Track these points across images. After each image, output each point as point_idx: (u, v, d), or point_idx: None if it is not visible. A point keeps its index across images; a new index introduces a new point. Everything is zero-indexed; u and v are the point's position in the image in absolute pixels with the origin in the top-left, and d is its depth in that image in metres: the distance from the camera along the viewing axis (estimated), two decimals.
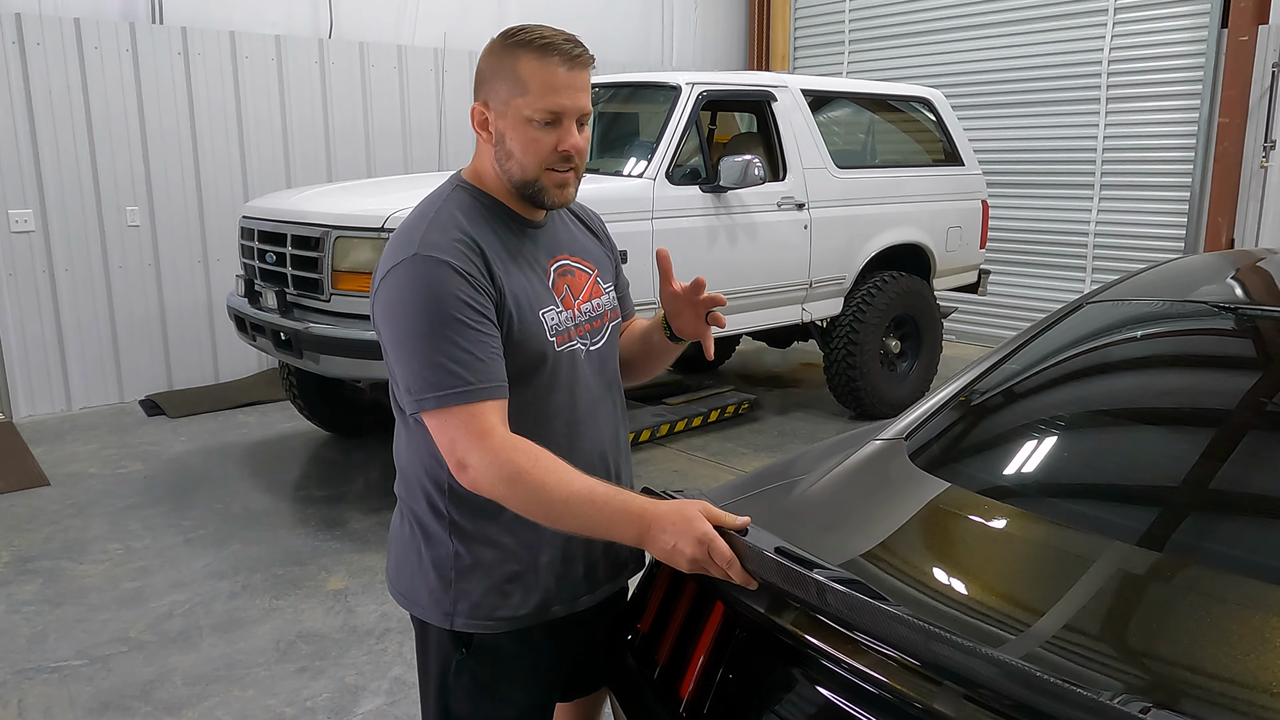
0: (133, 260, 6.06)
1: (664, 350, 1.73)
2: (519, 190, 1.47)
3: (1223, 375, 1.83)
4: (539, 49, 1.39)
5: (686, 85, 4.97)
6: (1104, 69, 7.18)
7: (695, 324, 1.64)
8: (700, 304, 1.61)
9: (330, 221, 4.08)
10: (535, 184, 1.45)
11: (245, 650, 3.15)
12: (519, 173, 1.45)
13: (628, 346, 1.75)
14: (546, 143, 1.41)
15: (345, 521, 4.21)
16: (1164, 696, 1.09)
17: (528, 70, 1.39)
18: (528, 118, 1.40)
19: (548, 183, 1.45)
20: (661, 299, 1.67)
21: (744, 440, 5.44)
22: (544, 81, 1.39)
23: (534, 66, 1.39)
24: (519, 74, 1.40)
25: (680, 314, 1.65)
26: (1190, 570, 1.32)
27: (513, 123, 1.42)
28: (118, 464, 4.99)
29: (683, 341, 1.69)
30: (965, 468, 1.71)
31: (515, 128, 1.42)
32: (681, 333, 1.67)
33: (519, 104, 1.40)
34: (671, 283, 1.64)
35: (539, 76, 1.39)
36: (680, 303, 1.64)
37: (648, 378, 1.82)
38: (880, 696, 1.16)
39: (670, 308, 1.66)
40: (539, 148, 1.42)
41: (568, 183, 1.46)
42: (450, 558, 1.47)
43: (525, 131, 1.41)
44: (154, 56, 5.96)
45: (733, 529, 1.31)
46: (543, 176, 1.44)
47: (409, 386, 1.37)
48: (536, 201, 1.48)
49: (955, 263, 6.27)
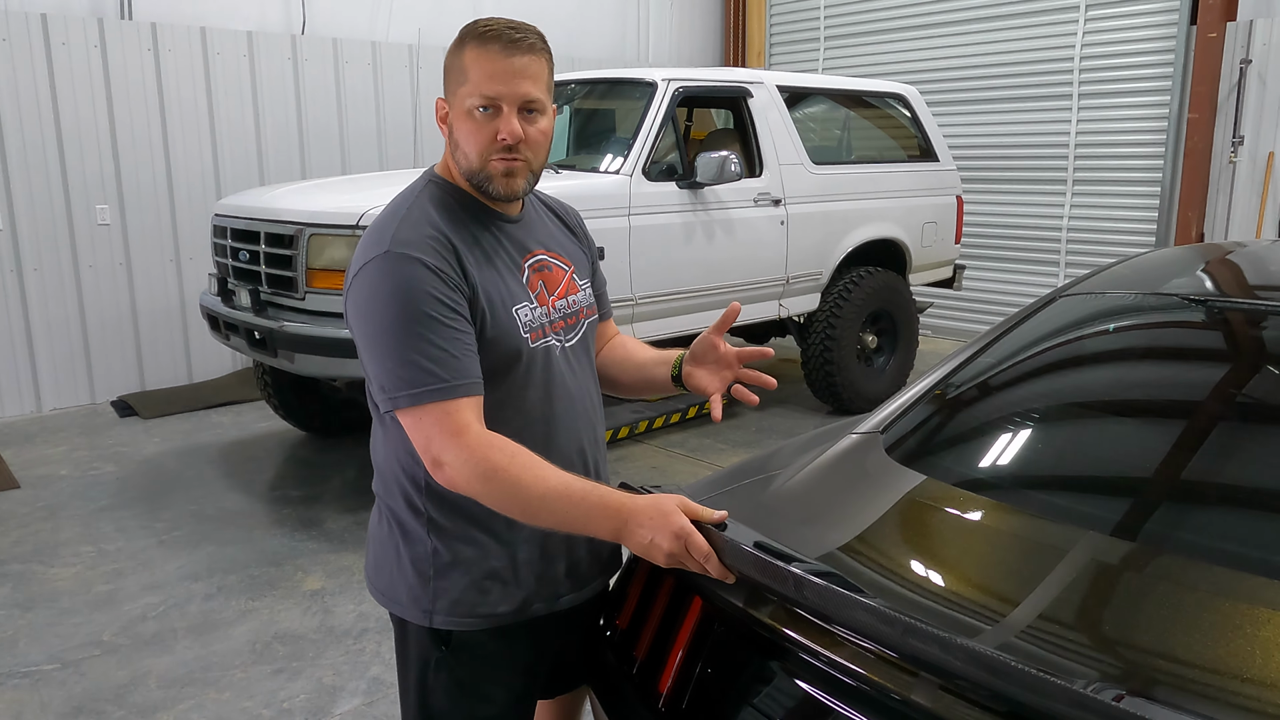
0: (103, 259, 5.98)
1: (662, 387, 1.69)
2: (470, 181, 1.46)
3: (1193, 367, 1.85)
4: (479, 37, 1.39)
5: (663, 81, 4.97)
6: (1076, 65, 7.25)
7: (712, 383, 1.61)
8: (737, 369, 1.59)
9: (304, 219, 4.05)
10: (481, 173, 1.44)
11: (221, 652, 3.12)
12: (466, 163, 1.44)
13: (622, 369, 1.73)
14: (487, 131, 1.40)
15: (322, 521, 4.18)
16: (1137, 684, 1.10)
17: (469, 59, 1.39)
18: (468, 107, 1.40)
19: (493, 171, 1.43)
20: (696, 342, 1.63)
21: (722, 436, 5.45)
22: (481, 69, 1.38)
23: (474, 55, 1.39)
24: (462, 64, 1.40)
25: (704, 365, 1.62)
26: (1163, 559, 1.34)
27: (458, 113, 1.42)
28: (89, 466, 4.92)
29: (683, 389, 1.65)
30: (941, 460, 1.71)
31: (460, 118, 1.42)
32: (691, 381, 1.63)
33: (462, 94, 1.41)
34: (719, 336, 1.60)
35: (478, 65, 1.39)
36: (711, 356, 1.61)
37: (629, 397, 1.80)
38: (858, 689, 1.17)
39: (699, 353, 1.63)
40: (480, 137, 1.41)
41: (514, 171, 1.44)
42: (429, 555, 1.46)
43: (467, 121, 1.41)
44: (123, 52, 5.88)
45: (710, 523, 1.31)
46: (487, 165, 1.43)
47: (383, 384, 1.36)
48: (485, 191, 1.46)
49: (931, 258, 6.31)
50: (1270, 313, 1.82)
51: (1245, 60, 6.47)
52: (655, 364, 1.70)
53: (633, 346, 1.77)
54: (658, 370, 1.69)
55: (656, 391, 1.72)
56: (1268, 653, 1.10)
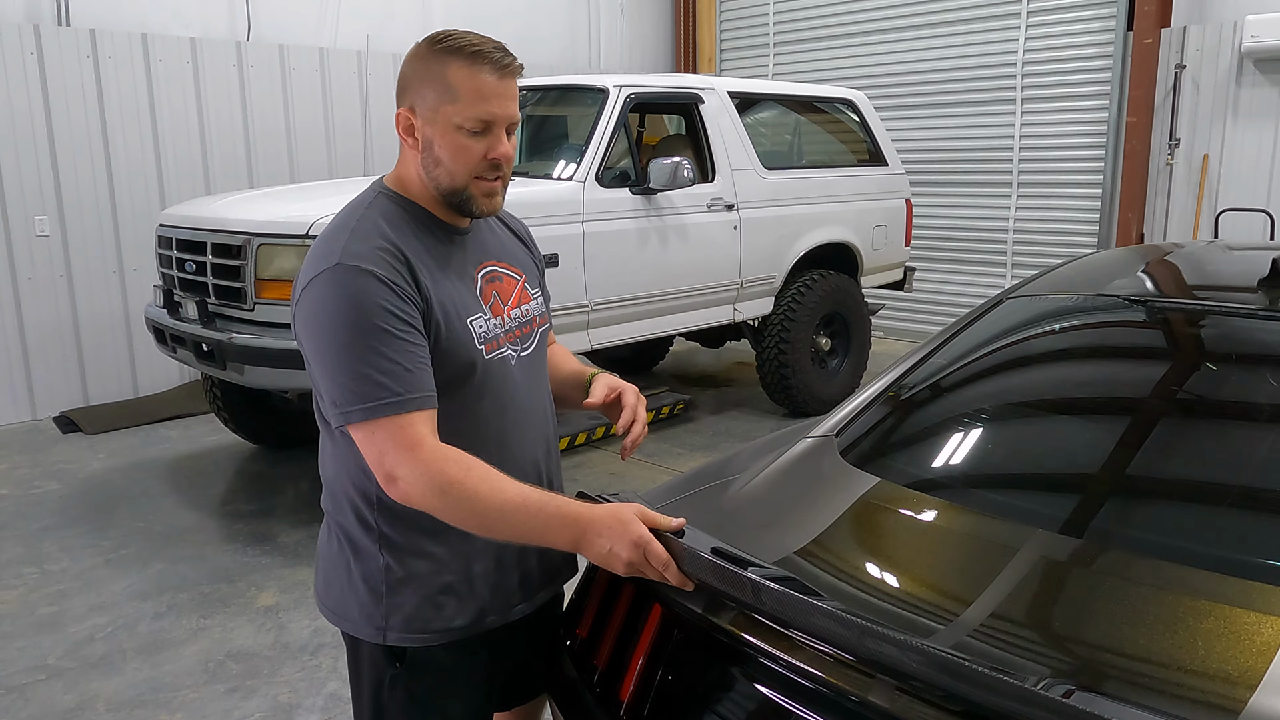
0: (42, 271, 5.82)
1: (574, 405, 1.74)
2: (446, 198, 1.45)
3: (1135, 366, 1.90)
4: (469, 56, 1.38)
5: (615, 88, 4.97)
6: (1018, 70, 7.41)
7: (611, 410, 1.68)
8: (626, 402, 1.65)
9: (252, 229, 3.98)
10: (464, 192, 1.43)
11: (172, 672, 3.05)
12: (448, 181, 1.43)
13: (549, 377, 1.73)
14: (476, 150, 1.40)
15: (275, 536, 4.11)
16: (1087, 679, 1.13)
17: (458, 77, 1.38)
18: (458, 125, 1.39)
19: (476, 191, 1.43)
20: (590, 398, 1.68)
21: (679, 440, 5.46)
22: (474, 89, 1.37)
23: (464, 74, 1.38)
24: (449, 81, 1.38)
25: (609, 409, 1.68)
26: (1109, 555, 1.37)
27: (442, 130, 1.40)
28: (31, 484, 4.78)
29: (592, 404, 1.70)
30: (894, 462, 1.74)
31: (444, 135, 1.40)
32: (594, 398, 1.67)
33: (448, 111, 1.39)
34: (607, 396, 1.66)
35: (469, 84, 1.37)
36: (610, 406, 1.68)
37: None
38: (817, 691, 1.18)
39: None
40: (469, 155, 1.40)
41: (495, 191, 1.45)
42: (381, 571, 1.44)
43: (455, 139, 1.40)
44: (61, 60, 5.74)
45: (668, 531, 1.31)
46: (471, 185, 1.42)
47: (334, 399, 1.34)
48: (464, 210, 1.46)
49: (882, 260, 6.40)
50: (1207, 312, 1.88)
51: (1180, 65, 6.66)
52: (571, 383, 1.73)
53: (559, 359, 1.78)
54: (572, 391, 1.73)
55: (572, 409, 1.76)
56: (1209, 644, 1.13)
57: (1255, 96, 6.43)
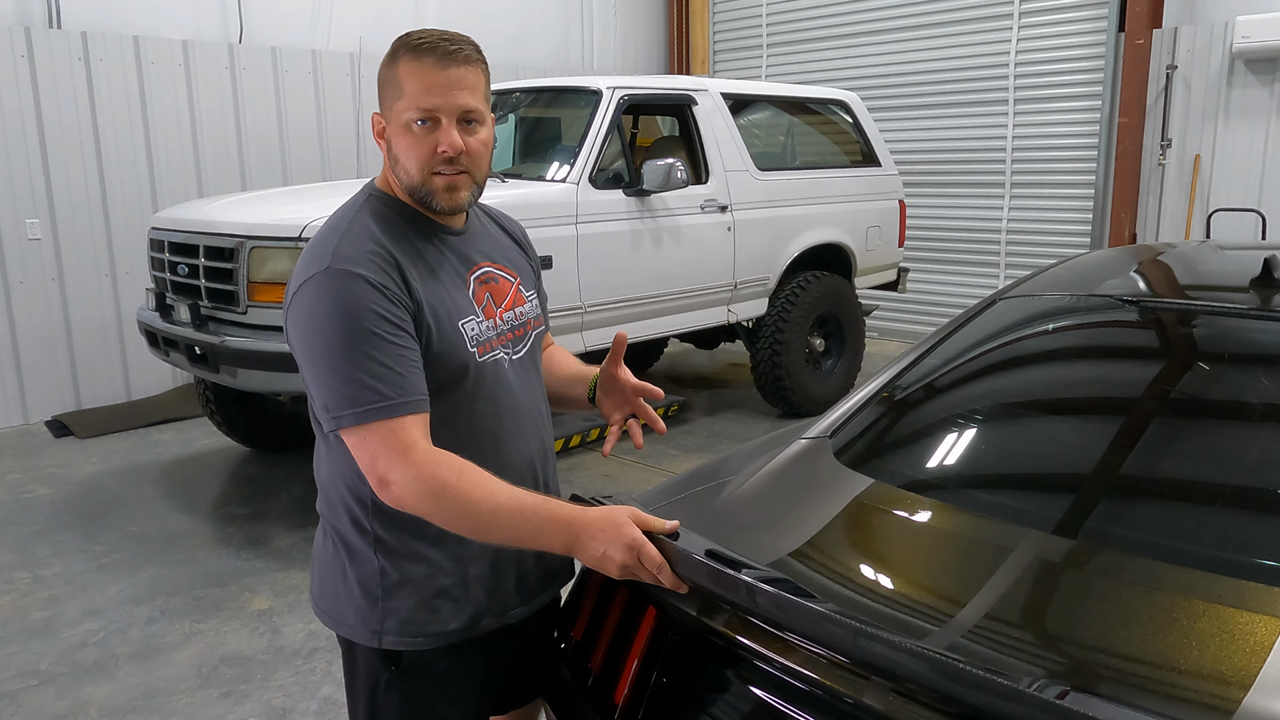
0: (34, 275, 5.80)
1: (578, 406, 1.74)
2: (413, 196, 1.44)
3: (1128, 366, 1.91)
4: (413, 49, 1.37)
5: (608, 90, 4.97)
6: (1010, 71, 7.42)
7: (616, 409, 1.67)
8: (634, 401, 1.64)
9: (245, 231, 3.97)
10: (423, 188, 1.42)
11: (165, 678, 3.04)
12: (407, 178, 1.42)
13: (549, 378, 1.73)
14: (426, 145, 1.39)
15: (269, 539, 4.10)
16: (1081, 680, 1.13)
17: (404, 73, 1.38)
18: (406, 121, 1.38)
19: (435, 186, 1.42)
20: (600, 372, 1.68)
21: (674, 442, 5.46)
22: (417, 82, 1.37)
23: (409, 68, 1.37)
24: (398, 78, 1.38)
25: (609, 394, 1.67)
26: (1103, 555, 1.37)
27: (396, 128, 1.40)
28: (23, 489, 4.76)
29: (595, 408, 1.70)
30: (888, 464, 1.74)
31: (398, 133, 1.40)
32: (600, 406, 1.68)
33: (399, 108, 1.39)
34: (619, 366, 1.65)
35: (413, 78, 1.37)
36: (613, 386, 1.65)
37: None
38: (812, 693, 1.18)
39: (604, 383, 1.67)
40: (420, 150, 1.39)
41: (457, 185, 1.43)
42: (376, 574, 1.44)
43: (406, 135, 1.39)
44: (52, 63, 5.72)
45: (662, 533, 1.31)
46: (429, 180, 1.41)
47: (326, 404, 1.34)
48: (429, 206, 1.44)
49: (875, 261, 6.40)
50: (1199, 312, 1.88)
51: (1171, 66, 6.69)
52: (574, 382, 1.73)
53: (559, 360, 1.78)
54: (576, 389, 1.72)
55: (574, 409, 1.76)
56: (1203, 644, 1.13)
57: (1246, 97, 6.45)
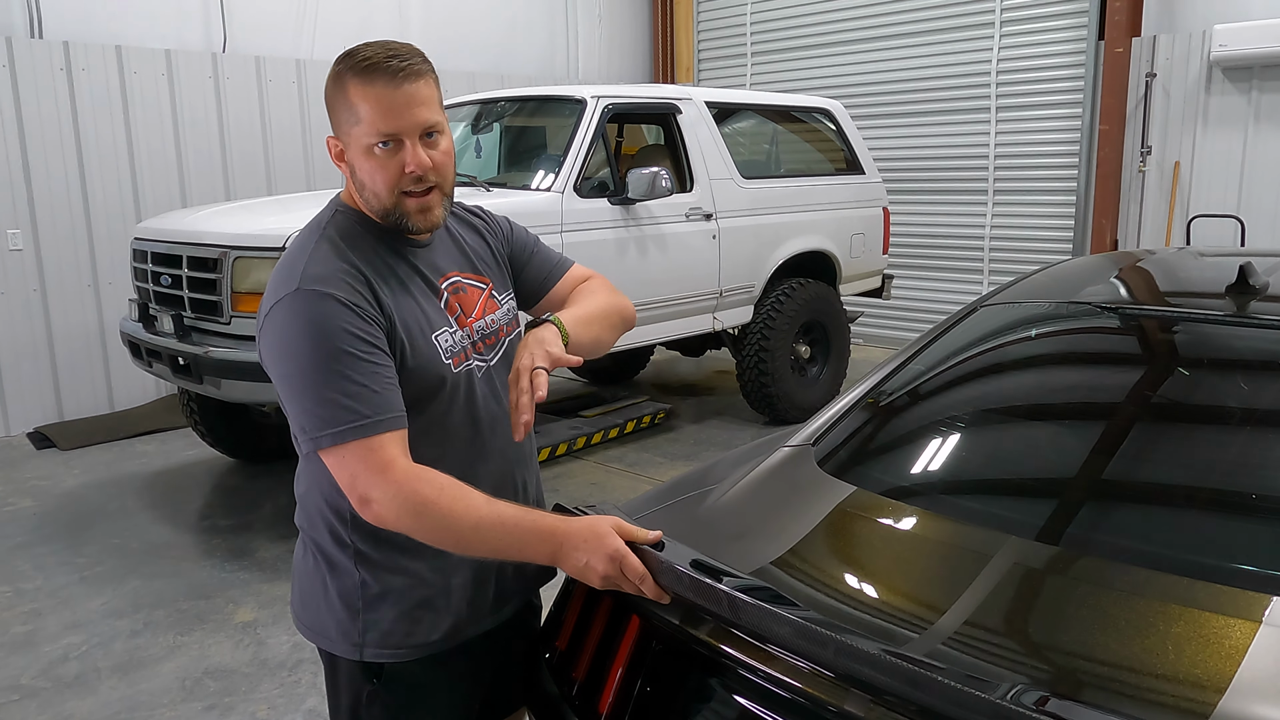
0: (15, 286, 5.75)
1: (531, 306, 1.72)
2: (385, 219, 1.41)
3: (1108, 372, 1.92)
4: (361, 72, 1.33)
5: (592, 99, 4.98)
6: (993, 80, 7.48)
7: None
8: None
9: (229, 242, 3.96)
10: (395, 211, 1.39)
11: (148, 691, 3.01)
12: (376, 203, 1.39)
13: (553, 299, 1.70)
14: (392, 168, 1.35)
15: (253, 550, 4.07)
16: (1062, 686, 1.14)
17: (356, 96, 1.34)
18: (367, 146, 1.35)
19: (408, 209, 1.39)
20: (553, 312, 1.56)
21: (660, 450, 5.46)
22: (373, 106, 1.33)
23: (361, 92, 1.33)
24: (350, 102, 1.35)
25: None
26: (1084, 561, 1.38)
27: (356, 153, 1.37)
28: (4, 501, 4.72)
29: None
30: (870, 471, 1.75)
31: (360, 158, 1.37)
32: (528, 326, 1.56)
33: (357, 134, 1.35)
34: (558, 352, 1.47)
35: (367, 101, 1.33)
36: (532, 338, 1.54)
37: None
38: (794, 702, 1.18)
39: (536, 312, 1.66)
40: (386, 174, 1.36)
41: (429, 206, 1.40)
42: (357, 587, 1.44)
43: (369, 161, 1.36)
44: (34, 72, 5.69)
45: (645, 544, 1.31)
46: (400, 203, 1.38)
47: (303, 425, 1.32)
48: (403, 229, 1.42)
49: (860, 268, 6.43)
50: (1177, 318, 1.90)
51: (1150, 74, 6.75)
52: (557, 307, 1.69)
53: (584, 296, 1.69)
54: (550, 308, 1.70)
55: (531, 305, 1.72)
56: (1179, 649, 1.14)
57: (1224, 104, 6.52)
